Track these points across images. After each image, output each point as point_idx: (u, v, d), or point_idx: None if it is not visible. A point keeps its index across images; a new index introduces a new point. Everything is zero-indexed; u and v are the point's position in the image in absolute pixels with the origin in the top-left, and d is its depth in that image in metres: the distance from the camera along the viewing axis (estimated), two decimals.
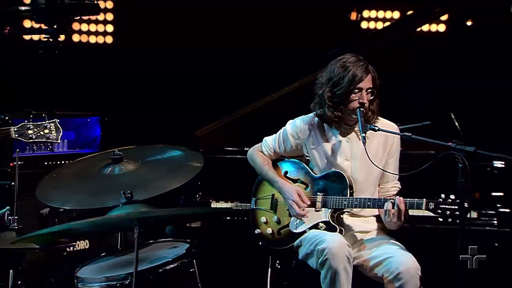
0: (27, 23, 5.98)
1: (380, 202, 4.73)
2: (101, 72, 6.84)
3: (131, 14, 6.97)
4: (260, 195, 5.11)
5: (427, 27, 7.03)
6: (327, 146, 4.92)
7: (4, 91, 6.04)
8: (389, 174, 4.86)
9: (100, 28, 6.51)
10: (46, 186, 4.54)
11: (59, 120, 4.41)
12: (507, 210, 5.39)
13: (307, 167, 4.99)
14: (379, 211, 4.82)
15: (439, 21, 6.89)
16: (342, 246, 4.61)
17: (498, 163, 5.44)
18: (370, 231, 4.92)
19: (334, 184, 4.85)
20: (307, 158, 5.00)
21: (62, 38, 3.57)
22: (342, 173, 4.84)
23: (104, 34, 7.00)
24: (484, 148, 4.38)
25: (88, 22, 6.31)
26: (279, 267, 5.11)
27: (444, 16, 6.68)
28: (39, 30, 3.28)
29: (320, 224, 4.86)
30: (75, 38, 6.82)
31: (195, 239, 4.58)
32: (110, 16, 7.13)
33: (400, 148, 4.96)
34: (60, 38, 3.22)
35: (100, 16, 6.77)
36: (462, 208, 4.37)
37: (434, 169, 4.69)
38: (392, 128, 4.90)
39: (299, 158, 5.07)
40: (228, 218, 5.32)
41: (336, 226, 4.82)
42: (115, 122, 6.22)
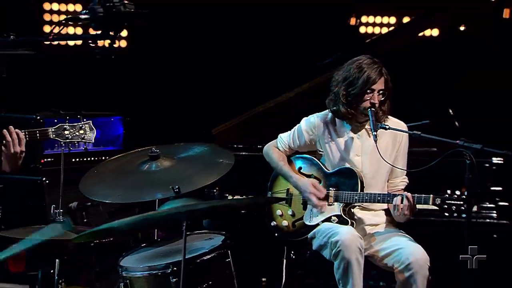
0: (70, 30, 6.23)
1: (390, 197, 4.96)
2: (115, 74, 7.03)
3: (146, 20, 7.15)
4: (276, 190, 5.34)
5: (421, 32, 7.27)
6: (340, 142, 5.17)
7: (33, 92, 6.22)
8: (397, 169, 5.11)
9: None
10: (88, 181, 4.72)
11: (92, 121, 4.64)
12: (505, 204, 5.63)
13: (319, 163, 5.22)
14: (388, 206, 5.07)
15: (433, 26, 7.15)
16: (355, 238, 4.85)
17: (497, 159, 5.66)
18: (380, 224, 5.15)
19: (346, 180, 5.09)
20: (320, 152, 5.23)
21: (102, 43, 3.72)
22: (354, 169, 5.08)
23: (119, 38, 7.15)
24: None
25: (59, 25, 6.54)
26: (293, 257, 5.33)
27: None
28: (81, 36, 3.47)
29: (332, 217, 5.09)
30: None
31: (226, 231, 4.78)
32: None
33: None
34: (115, 44, 3.40)
35: None
36: (470, 202, 4.62)
37: (437, 165, 4.93)
38: (401, 126, 5.16)
39: (312, 154, 5.30)
40: (243, 212, 5.52)
41: (348, 219, 5.06)
42: (135, 121, 6.44)
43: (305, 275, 5.35)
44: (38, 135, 4.60)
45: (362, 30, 7.99)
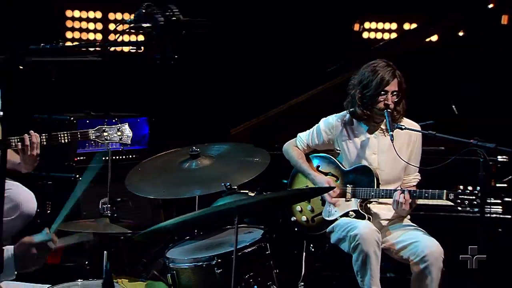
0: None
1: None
2: (137, 77, 7.23)
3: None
4: (295, 186, 5.54)
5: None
6: (357, 141, 5.37)
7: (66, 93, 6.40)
8: (411, 167, 5.30)
9: (133, 38, 6.84)
10: (133, 178, 4.96)
11: (128, 122, 4.90)
12: (510, 199, 5.82)
13: (337, 161, 5.42)
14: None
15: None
16: (372, 232, 5.03)
17: (502, 157, 5.84)
18: (395, 218, 5.34)
19: (363, 177, 5.28)
20: (338, 151, 5.44)
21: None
22: (370, 167, 5.28)
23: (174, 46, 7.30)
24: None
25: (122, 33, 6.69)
26: (312, 250, 5.50)
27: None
28: (128, 43, 3.64)
29: (350, 212, 5.28)
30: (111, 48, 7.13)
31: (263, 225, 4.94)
32: None
33: None
34: (174, 51, 3.52)
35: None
36: (484, 198, 4.81)
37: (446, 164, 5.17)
38: (415, 127, 5.37)
39: (329, 152, 5.51)
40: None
41: (365, 214, 5.25)
42: (159, 122, 6.66)
43: (323, 267, 5.52)
44: (79, 136, 4.85)
45: (365, 35, 8.29)
